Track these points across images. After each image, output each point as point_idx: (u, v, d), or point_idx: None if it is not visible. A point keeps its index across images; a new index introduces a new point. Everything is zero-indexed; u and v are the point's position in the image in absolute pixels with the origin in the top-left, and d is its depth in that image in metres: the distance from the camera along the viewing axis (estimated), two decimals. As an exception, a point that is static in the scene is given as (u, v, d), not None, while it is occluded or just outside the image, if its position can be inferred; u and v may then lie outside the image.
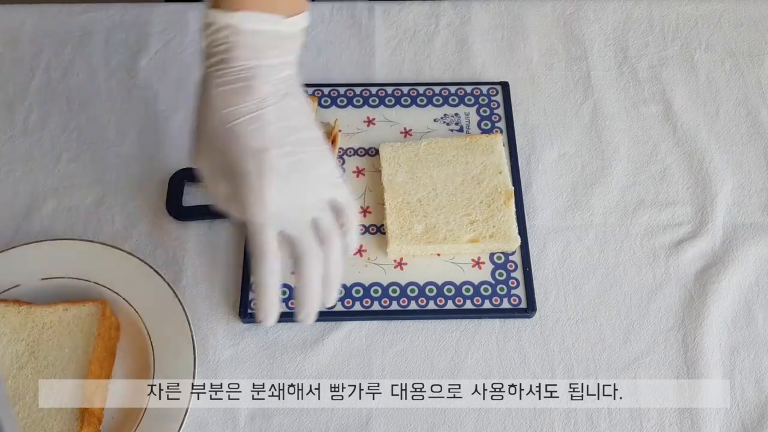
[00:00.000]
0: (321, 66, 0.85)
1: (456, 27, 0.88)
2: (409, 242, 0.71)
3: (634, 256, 0.74)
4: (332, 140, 0.77)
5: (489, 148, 0.76)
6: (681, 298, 0.72)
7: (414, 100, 0.82)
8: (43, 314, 0.66)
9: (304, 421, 0.66)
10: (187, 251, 0.73)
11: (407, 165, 0.75)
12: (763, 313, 0.71)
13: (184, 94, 0.83)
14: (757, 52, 0.87)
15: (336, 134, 0.78)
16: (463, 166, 0.74)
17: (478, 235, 0.71)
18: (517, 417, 0.66)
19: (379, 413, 0.66)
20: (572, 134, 0.81)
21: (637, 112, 0.83)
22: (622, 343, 0.69)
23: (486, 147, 0.76)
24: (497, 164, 0.75)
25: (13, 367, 0.63)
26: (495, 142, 0.76)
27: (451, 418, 0.66)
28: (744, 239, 0.74)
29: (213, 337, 0.69)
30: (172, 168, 0.77)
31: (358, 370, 0.68)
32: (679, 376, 0.68)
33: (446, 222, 0.71)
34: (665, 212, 0.76)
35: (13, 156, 0.79)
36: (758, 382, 0.68)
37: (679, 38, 0.88)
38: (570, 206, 0.76)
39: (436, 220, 0.72)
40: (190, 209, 0.75)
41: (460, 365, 0.68)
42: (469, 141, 0.76)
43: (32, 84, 0.84)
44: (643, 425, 0.66)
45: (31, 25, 0.88)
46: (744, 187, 0.78)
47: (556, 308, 0.71)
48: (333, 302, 0.61)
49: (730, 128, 0.82)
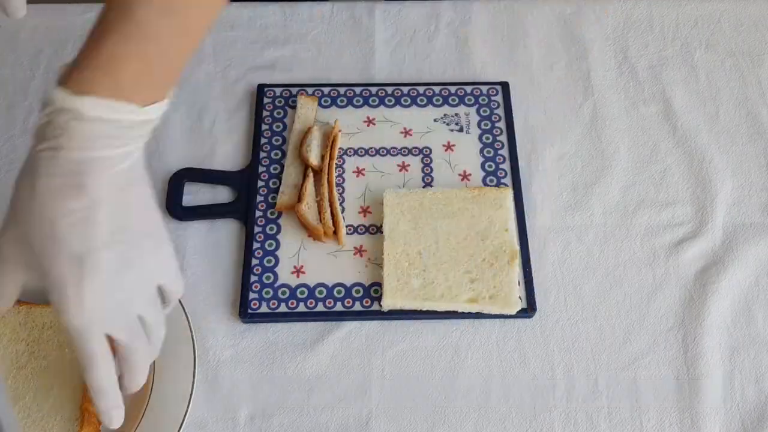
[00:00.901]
0: (321, 66, 0.85)
1: (456, 27, 0.88)
2: (405, 296, 0.68)
3: (634, 256, 0.74)
4: (332, 140, 0.77)
5: (497, 202, 0.72)
6: (681, 298, 0.72)
7: (414, 100, 0.82)
8: (43, 314, 0.66)
9: (304, 421, 0.66)
10: (187, 251, 0.73)
11: (411, 214, 0.72)
12: (763, 313, 0.71)
13: (184, 94, 0.83)
14: (757, 52, 0.87)
15: (336, 134, 0.78)
16: (468, 220, 0.71)
17: (477, 295, 0.68)
18: (517, 417, 0.66)
19: (379, 413, 0.66)
20: (572, 134, 0.81)
21: (637, 112, 0.83)
22: (622, 343, 0.69)
23: (494, 201, 0.72)
24: (504, 220, 0.71)
25: (13, 367, 0.63)
26: (504, 196, 0.73)
27: (451, 418, 0.66)
28: (744, 239, 0.74)
29: (213, 337, 0.69)
30: (172, 168, 0.77)
31: (358, 370, 0.68)
32: (679, 376, 0.68)
33: (445, 278, 0.69)
34: (665, 212, 0.76)
35: (13, 156, 0.79)
36: (758, 382, 0.68)
37: (679, 38, 0.88)
38: (570, 206, 0.76)
39: (435, 276, 0.69)
40: (190, 209, 0.76)
41: (460, 365, 0.68)
42: (477, 193, 0.73)
43: (32, 84, 0.84)
44: (643, 425, 0.66)
45: (31, 25, 0.88)
46: (744, 187, 0.78)
47: (556, 308, 0.71)
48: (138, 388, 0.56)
49: (730, 128, 0.82)
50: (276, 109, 0.81)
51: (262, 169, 0.77)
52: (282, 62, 0.85)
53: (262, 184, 0.76)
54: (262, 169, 0.77)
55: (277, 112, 0.81)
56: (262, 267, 0.71)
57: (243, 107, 0.82)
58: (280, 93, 0.82)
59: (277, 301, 0.70)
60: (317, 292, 0.70)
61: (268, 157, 0.78)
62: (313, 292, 0.70)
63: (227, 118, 0.82)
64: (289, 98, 0.82)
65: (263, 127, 0.80)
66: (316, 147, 0.77)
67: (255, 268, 0.71)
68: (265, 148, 0.78)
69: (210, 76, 0.85)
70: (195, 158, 0.79)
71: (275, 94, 0.82)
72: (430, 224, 0.71)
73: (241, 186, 0.76)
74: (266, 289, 0.70)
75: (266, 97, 0.82)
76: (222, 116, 0.82)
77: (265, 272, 0.71)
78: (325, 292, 0.70)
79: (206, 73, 0.85)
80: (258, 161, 0.77)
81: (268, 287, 0.70)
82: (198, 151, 0.79)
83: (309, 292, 0.70)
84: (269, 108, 0.81)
